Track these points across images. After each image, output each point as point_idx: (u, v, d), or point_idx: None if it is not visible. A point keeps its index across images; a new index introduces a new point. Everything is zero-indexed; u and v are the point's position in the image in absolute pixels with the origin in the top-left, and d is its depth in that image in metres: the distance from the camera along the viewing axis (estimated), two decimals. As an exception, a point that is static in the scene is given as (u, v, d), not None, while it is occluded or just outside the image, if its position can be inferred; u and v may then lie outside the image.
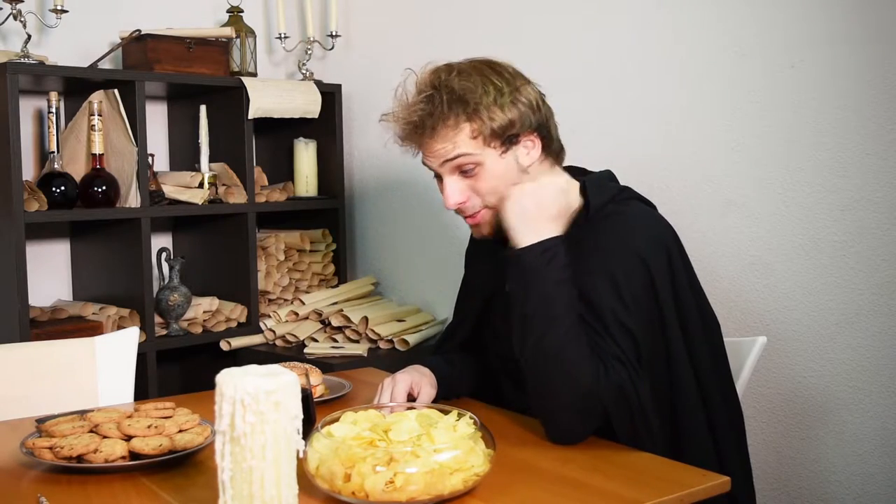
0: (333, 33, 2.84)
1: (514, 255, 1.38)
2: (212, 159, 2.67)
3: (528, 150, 1.47)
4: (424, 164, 1.51)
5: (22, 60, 2.29)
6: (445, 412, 1.24)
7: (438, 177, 1.50)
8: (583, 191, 1.49)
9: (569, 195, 1.47)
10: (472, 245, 1.73)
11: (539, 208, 1.40)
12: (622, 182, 1.57)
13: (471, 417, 1.21)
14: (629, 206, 1.48)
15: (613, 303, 1.35)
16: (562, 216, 1.43)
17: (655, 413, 1.35)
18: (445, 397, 1.56)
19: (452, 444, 1.12)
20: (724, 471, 1.33)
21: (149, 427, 1.28)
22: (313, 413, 1.33)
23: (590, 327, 1.35)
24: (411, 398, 1.51)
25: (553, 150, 1.51)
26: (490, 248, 1.58)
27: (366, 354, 2.45)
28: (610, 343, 1.34)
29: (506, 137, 1.44)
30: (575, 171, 1.58)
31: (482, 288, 1.63)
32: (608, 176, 1.56)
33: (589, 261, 1.39)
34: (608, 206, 1.46)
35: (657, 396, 1.37)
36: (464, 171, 1.46)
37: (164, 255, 2.60)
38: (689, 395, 1.43)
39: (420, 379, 1.53)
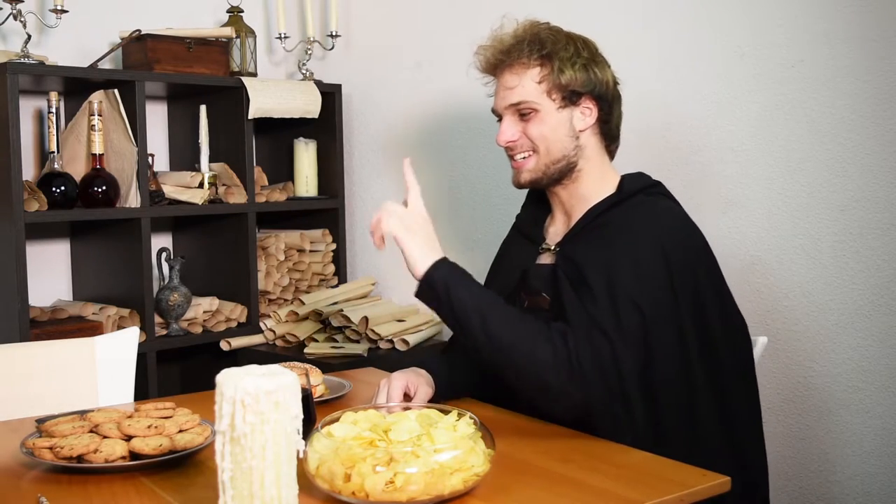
0: (333, 33, 2.84)
1: (427, 275, 1.41)
2: (212, 159, 2.67)
3: (585, 115, 1.56)
4: (492, 110, 1.61)
5: (22, 60, 2.29)
6: (445, 412, 1.24)
7: (500, 119, 1.60)
8: (621, 183, 1.57)
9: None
10: (512, 232, 1.75)
11: (423, 229, 1.45)
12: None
13: (471, 417, 1.21)
14: (660, 200, 1.55)
15: (628, 279, 1.40)
16: (434, 235, 1.46)
17: (640, 395, 1.37)
18: (444, 397, 1.56)
19: (452, 444, 1.12)
20: (747, 474, 1.35)
21: (149, 427, 1.28)
22: (313, 413, 1.32)
23: (592, 299, 1.39)
24: (408, 398, 1.51)
25: (608, 131, 1.59)
26: (524, 233, 1.67)
27: (366, 354, 2.45)
28: (606, 317, 1.36)
29: (568, 93, 1.54)
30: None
31: (511, 270, 1.66)
32: (645, 175, 1.62)
33: (614, 240, 1.46)
34: (640, 195, 1.53)
35: (667, 390, 1.39)
36: (522, 115, 1.56)
37: (164, 255, 2.61)
38: (697, 390, 1.43)
39: (416, 379, 1.53)
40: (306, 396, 1.22)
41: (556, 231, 1.62)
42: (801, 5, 1.85)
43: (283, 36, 2.85)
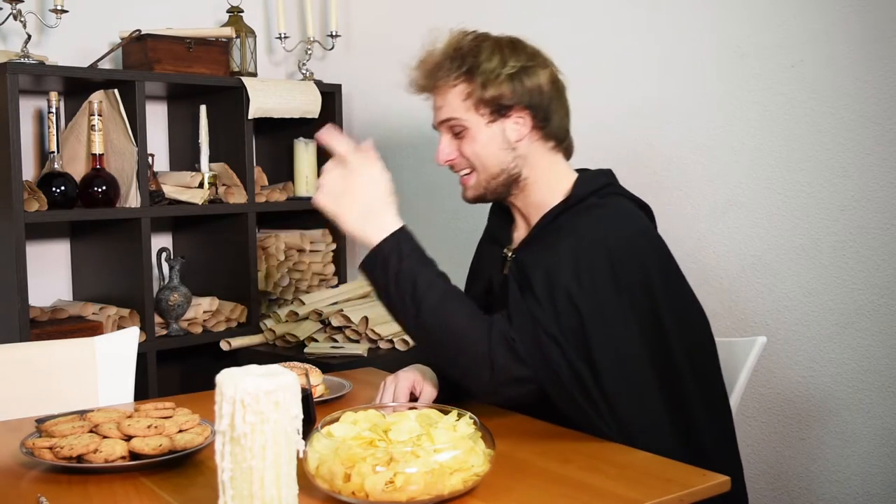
0: (333, 33, 2.84)
1: (369, 255, 1.44)
2: (212, 159, 2.67)
3: (518, 126, 1.52)
4: (432, 125, 1.58)
5: (22, 60, 2.29)
6: (445, 412, 1.24)
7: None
8: (573, 185, 1.54)
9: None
10: (484, 235, 1.74)
11: (368, 202, 1.45)
12: (622, 180, 1.58)
13: (471, 417, 1.21)
14: (612, 200, 1.51)
15: (569, 282, 1.37)
16: (387, 202, 1.46)
17: (605, 397, 1.35)
18: (448, 396, 1.55)
19: (452, 444, 1.12)
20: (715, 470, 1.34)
21: (149, 427, 1.28)
22: (313, 413, 1.32)
23: (534, 298, 1.38)
24: (413, 398, 1.51)
25: (551, 134, 1.54)
26: (494, 237, 1.65)
27: (366, 354, 2.45)
28: (546, 316, 1.36)
29: (495, 107, 1.49)
30: (580, 172, 1.60)
31: (482, 275, 1.66)
32: (605, 173, 1.58)
33: (559, 244, 1.43)
34: (590, 197, 1.49)
35: (621, 387, 1.37)
36: (455, 133, 1.53)
37: (164, 255, 2.60)
38: (644, 387, 1.40)
39: (422, 378, 1.53)
40: (306, 396, 1.22)
41: (518, 236, 1.61)
42: (801, 5, 1.85)
43: (283, 36, 2.85)
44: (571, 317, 1.36)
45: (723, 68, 1.98)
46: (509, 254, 1.58)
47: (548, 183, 1.54)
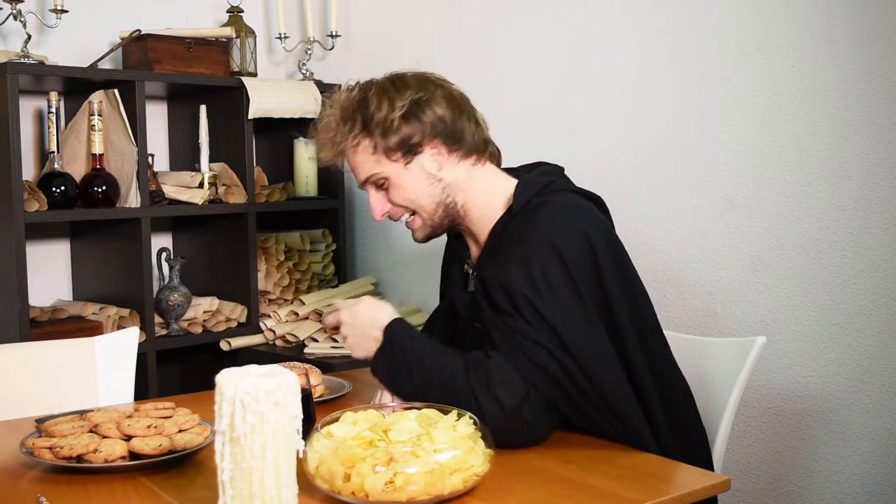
0: (333, 33, 2.84)
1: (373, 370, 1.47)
2: (212, 159, 2.67)
3: (434, 155, 1.51)
4: (359, 186, 1.58)
5: (22, 60, 2.29)
6: (445, 412, 1.24)
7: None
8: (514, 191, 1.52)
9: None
10: (445, 256, 1.74)
11: (365, 328, 1.46)
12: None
13: (470, 417, 1.21)
14: (553, 196, 1.48)
15: (526, 289, 1.36)
16: (386, 313, 1.47)
17: (595, 393, 1.34)
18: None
19: (452, 444, 1.12)
20: (694, 460, 1.35)
21: (149, 427, 1.28)
22: (313, 413, 1.32)
23: (506, 314, 1.37)
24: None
25: (469, 149, 1.53)
26: (455, 255, 1.65)
27: (366, 354, 2.45)
28: (524, 325, 1.34)
29: (405, 149, 1.49)
30: (528, 168, 1.60)
31: (447, 295, 1.68)
32: (546, 170, 1.57)
33: (509, 254, 1.42)
34: (534, 199, 1.48)
35: (600, 382, 1.35)
36: (379, 186, 1.54)
37: (164, 255, 2.61)
38: (615, 380, 1.39)
39: None
40: (306, 396, 1.22)
41: (475, 254, 1.60)
42: (801, 5, 1.85)
43: (283, 36, 2.85)
44: (542, 325, 1.34)
45: (723, 68, 1.98)
46: (471, 271, 1.58)
47: (485, 199, 1.53)
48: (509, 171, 1.60)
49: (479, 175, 1.54)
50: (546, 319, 1.34)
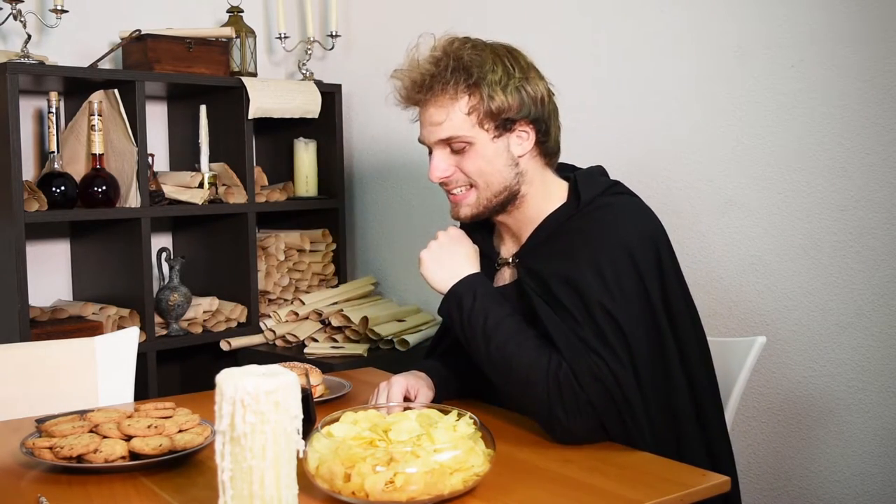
0: (333, 33, 2.84)
1: (445, 297, 1.45)
2: (212, 159, 2.67)
3: (522, 140, 1.47)
4: (420, 140, 1.51)
5: (22, 60, 2.29)
6: (445, 412, 1.24)
7: (430, 149, 1.50)
8: (573, 186, 1.50)
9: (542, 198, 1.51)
10: None
11: (451, 258, 1.47)
12: (622, 180, 1.57)
13: (471, 417, 1.21)
14: (619, 199, 1.48)
15: (601, 295, 1.35)
16: (471, 257, 1.49)
17: (645, 408, 1.34)
18: (446, 399, 1.55)
19: (452, 444, 1.12)
20: (717, 468, 1.33)
21: (149, 427, 1.28)
22: (313, 413, 1.32)
23: (573, 320, 1.35)
24: (408, 402, 1.50)
25: (548, 149, 1.51)
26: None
27: (366, 354, 2.45)
28: (592, 333, 1.34)
29: (501, 121, 1.43)
30: (565, 168, 1.59)
31: None
32: (599, 171, 1.57)
33: (577, 252, 1.40)
34: (598, 198, 1.46)
35: (652, 392, 1.37)
36: (455, 149, 1.46)
37: (164, 255, 2.61)
38: (681, 392, 1.42)
39: (416, 382, 1.52)
40: (306, 396, 1.22)
41: (507, 248, 1.57)
42: (801, 5, 1.85)
43: (283, 36, 2.85)
44: (614, 331, 1.34)
45: (723, 68, 1.98)
46: (509, 259, 1.55)
47: (543, 197, 1.51)
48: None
49: (543, 175, 1.51)
50: (620, 326, 1.34)
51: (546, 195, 1.51)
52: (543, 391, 1.32)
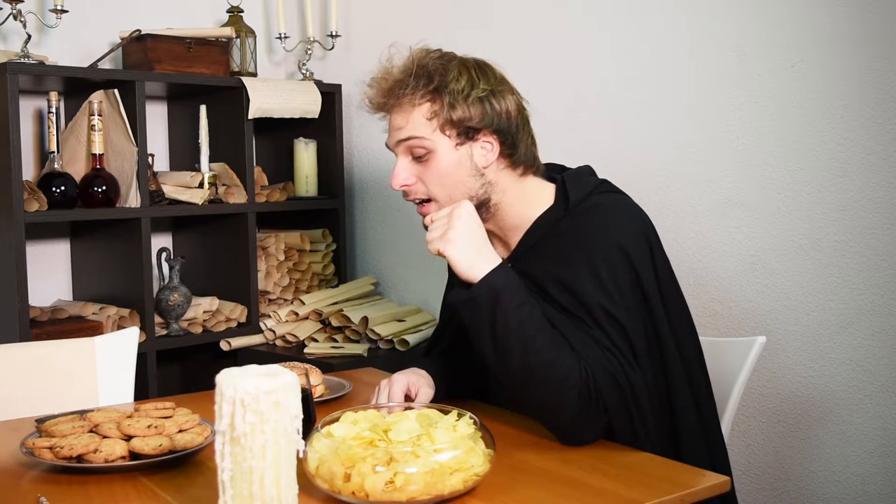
0: (333, 33, 2.84)
1: (477, 286, 1.33)
2: (212, 159, 2.67)
3: (486, 151, 1.45)
4: (387, 145, 1.51)
5: (22, 60, 2.29)
6: (445, 412, 1.24)
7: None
8: (561, 187, 1.49)
9: (540, 194, 1.48)
10: None
11: (476, 235, 1.37)
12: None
13: (471, 417, 1.21)
14: (608, 198, 1.47)
15: (600, 297, 1.35)
16: (489, 242, 1.40)
17: (650, 408, 1.35)
18: (446, 397, 1.55)
19: (452, 444, 1.12)
20: (717, 468, 1.33)
21: (149, 427, 1.28)
22: (313, 413, 1.32)
23: (579, 320, 1.35)
24: (409, 400, 1.51)
25: (518, 162, 1.48)
26: None
27: (366, 354, 2.45)
28: (600, 334, 1.34)
29: (463, 129, 1.42)
30: (553, 169, 1.58)
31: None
32: (587, 171, 1.56)
33: (570, 254, 1.40)
34: (587, 198, 1.46)
35: (652, 391, 1.37)
36: (416, 156, 1.45)
37: (164, 255, 2.61)
38: (681, 391, 1.41)
39: (417, 380, 1.52)
40: (306, 396, 1.22)
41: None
42: (801, 5, 1.85)
43: (283, 36, 2.85)
44: (618, 332, 1.34)
45: (723, 68, 1.98)
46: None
47: (521, 203, 1.48)
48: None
49: (520, 184, 1.49)
50: (622, 325, 1.34)
51: (526, 201, 1.49)
52: (576, 394, 1.30)
